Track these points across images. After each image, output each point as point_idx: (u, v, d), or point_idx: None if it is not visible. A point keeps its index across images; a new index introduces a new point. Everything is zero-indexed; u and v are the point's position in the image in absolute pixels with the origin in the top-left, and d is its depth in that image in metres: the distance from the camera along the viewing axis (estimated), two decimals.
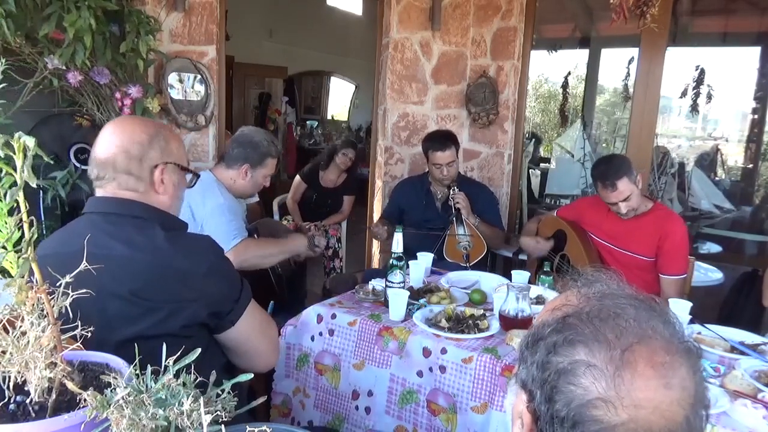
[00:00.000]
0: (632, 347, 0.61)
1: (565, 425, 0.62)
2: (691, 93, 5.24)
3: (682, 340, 0.64)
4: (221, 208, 2.17)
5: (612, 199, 2.28)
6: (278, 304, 2.20)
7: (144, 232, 1.21)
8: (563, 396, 0.62)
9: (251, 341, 1.34)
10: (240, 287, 1.31)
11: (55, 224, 2.33)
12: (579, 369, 0.62)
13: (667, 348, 0.62)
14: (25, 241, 0.74)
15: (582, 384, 0.61)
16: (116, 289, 1.14)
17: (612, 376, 0.60)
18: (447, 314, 1.81)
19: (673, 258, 2.33)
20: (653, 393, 0.60)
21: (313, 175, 4.22)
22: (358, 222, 4.34)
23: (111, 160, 1.24)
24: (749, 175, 5.56)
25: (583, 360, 0.62)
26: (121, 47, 2.43)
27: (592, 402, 0.60)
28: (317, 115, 10.04)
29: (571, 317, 0.66)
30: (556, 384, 0.63)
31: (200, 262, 1.23)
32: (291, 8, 7.90)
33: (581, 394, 0.61)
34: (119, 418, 0.67)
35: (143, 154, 1.25)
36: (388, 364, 1.78)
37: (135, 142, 1.25)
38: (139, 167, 1.25)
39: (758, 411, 1.33)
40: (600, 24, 5.19)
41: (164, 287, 1.18)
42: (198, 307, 1.20)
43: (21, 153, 0.73)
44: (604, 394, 0.60)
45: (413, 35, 3.53)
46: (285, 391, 1.96)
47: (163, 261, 1.19)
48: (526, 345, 0.70)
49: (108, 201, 1.25)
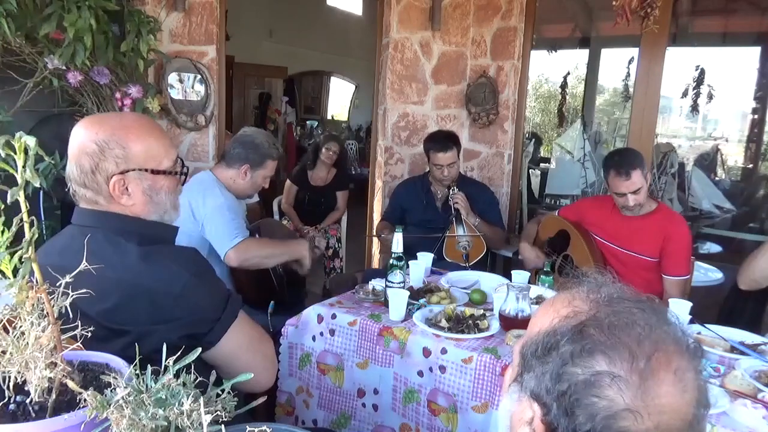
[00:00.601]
0: (654, 355, 0.61)
1: None
2: (692, 93, 5.25)
3: (687, 342, 0.65)
4: (222, 207, 2.17)
5: (623, 189, 2.27)
6: (278, 304, 2.20)
7: (118, 248, 1.13)
8: (586, 409, 0.61)
9: (240, 360, 1.22)
10: (223, 305, 1.20)
11: (55, 224, 2.33)
12: (603, 380, 0.61)
13: (680, 352, 0.63)
14: (26, 241, 0.74)
15: (607, 396, 0.60)
16: (85, 309, 1.02)
17: (638, 386, 0.60)
18: (447, 314, 1.81)
19: (678, 259, 2.33)
20: (673, 398, 0.60)
21: (302, 176, 4.20)
22: (359, 222, 4.33)
23: (68, 172, 1.16)
24: (749, 175, 5.56)
25: (606, 371, 0.61)
26: (122, 47, 2.43)
27: (620, 414, 0.60)
28: (317, 115, 10.04)
29: (586, 326, 0.65)
30: (579, 397, 0.62)
31: (173, 282, 1.12)
32: (291, 8, 7.90)
33: (607, 406, 0.60)
34: (119, 418, 0.67)
35: (95, 166, 1.14)
36: (391, 364, 1.78)
37: (84, 154, 1.14)
38: (92, 180, 1.15)
39: (758, 411, 1.33)
40: (600, 24, 5.19)
41: (133, 309, 1.10)
42: (167, 330, 1.10)
43: (22, 153, 0.73)
44: (631, 405, 0.59)
45: (413, 35, 3.53)
46: (289, 390, 1.96)
47: (133, 280, 1.10)
48: (533, 353, 0.68)
49: (86, 213, 1.19)
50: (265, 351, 1.31)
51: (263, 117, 8.22)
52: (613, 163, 2.32)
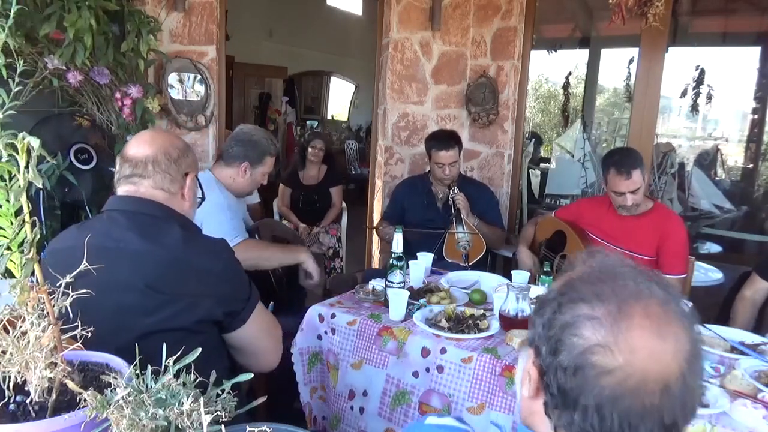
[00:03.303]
0: (629, 301, 0.67)
1: (567, 373, 0.67)
2: (691, 93, 5.25)
3: (677, 303, 0.69)
4: (221, 206, 2.17)
5: (622, 188, 2.28)
6: (278, 304, 2.20)
7: (162, 228, 1.25)
8: (566, 347, 0.68)
9: (259, 341, 1.39)
10: (249, 287, 1.36)
11: (55, 224, 2.33)
12: (581, 321, 0.68)
13: (662, 304, 0.68)
14: (28, 242, 0.74)
15: (584, 335, 0.67)
16: (132, 282, 1.17)
17: (610, 325, 0.66)
18: (447, 314, 1.81)
19: (674, 258, 2.33)
20: (647, 341, 0.65)
21: (294, 177, 4.21)
22: (359, 222, 4.34)
23: (151, 158, 1.29)
24: (749, 175, 5.56)
25: (586, 314, 0.68)
26: (123, 47, 2.43)
27: (592, 348, 0.66)
28: (317, 115, 10.04)
29: (573, 280, 0.73)
30: (561, 337, 0.69)
31: (216, 261, 1.28)
32: (291, 8, 7.90)
33: (582, 343, 0.67)
34: (119, 418, 0.67)
35: (180, 158, 1.33)
36: (385, 365, 1.78)
37: (175, 147, 1.34)
38: (176, 170, 1.32)
39: (758, 411, 1.33)
40: (600, 24, 5.19)
41: (180, 281, 1.21)
42: (212, 304, 1.24)
43: (24, 153, 0.73)
44: (602, 341, 0.66)
45: (413, 35, 3.53)
46: (308, 401, 1.96)
47: (180, 256, 1.23)
48: (534, 311, 0.76)
49: (129, 199, 1.29)
50: (278, 334, 1.48)
51: (263, 117, 8.22)
52: (613, 162, 2.32)
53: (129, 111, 2.45)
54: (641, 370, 0.64)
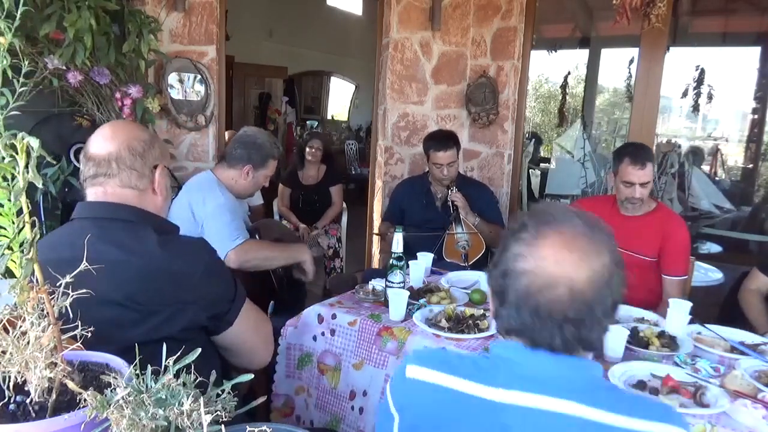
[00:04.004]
0: (548, 226, 0.86)
1: (500, 277, 0.89)
2: (692, 93, 5.24)
3: (595, 233, 0.86)
4: (222, 208, 2.17)
5: (635, 178, 2.28)
6: (278, 304, 2.20)
7: (136, 235, 1.19)
8: (502, 260, 0.89)
9: (248, 340, 1.35)
10: (234, 287, 1.30)
11: (55, 224, 2.33)
12: (513, 242, 0.88)
13: (577, 231, 0.85)
14: (28, 242, 0.74)
15: (512, 249, 0.88)
16: (111, 295, 1.11)
17: (529, 241, 0.86)
18: (447, 314, 1.81)
19: (677, 259, 2.34)
20: (556, 251, 0.84)
21: (293, 177, 4.21)
22: (359, 222, 4.33)
23: (114, 155, 1.21)
24: (749, 175, 5.56)
25: (516, 236, 0.89)
26: (124, 47, 2.43)
27: (515, 257, 0.87)
28: (317, 115, 10.04)
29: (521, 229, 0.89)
30: (500, 256, 0.91)
31: (196, 263, 1.22)
32: (291, 8, 7.90)
33: (509, 255, 0.88)
34: (119, 418, 0.67)
35: (145, 151, 1.24)
36: (385, 365, 1.78)
37: (138, 140, 1.25)
38: (142, 164, 1.24)
39: (758, 411, 1.33)
40: (600, 24, 5.19)
41: (160, 291, 1.16)
42: (197, 309, 1.20)
43: (24, 153, 0.73)
44: (522, 252, 0.86)
45: (413, 35, 3.53)
46: (286, 392, 1.95)
47: (158, 264, 1.17)
48: None
49: (98, 206, 1.23)
50: (267, 330, 1.44)
51: (263, 117, 8.22)
52: (628, 152, 2.32)
53: (129, 111, 2.45)
54: (548, 273, 0.83)
